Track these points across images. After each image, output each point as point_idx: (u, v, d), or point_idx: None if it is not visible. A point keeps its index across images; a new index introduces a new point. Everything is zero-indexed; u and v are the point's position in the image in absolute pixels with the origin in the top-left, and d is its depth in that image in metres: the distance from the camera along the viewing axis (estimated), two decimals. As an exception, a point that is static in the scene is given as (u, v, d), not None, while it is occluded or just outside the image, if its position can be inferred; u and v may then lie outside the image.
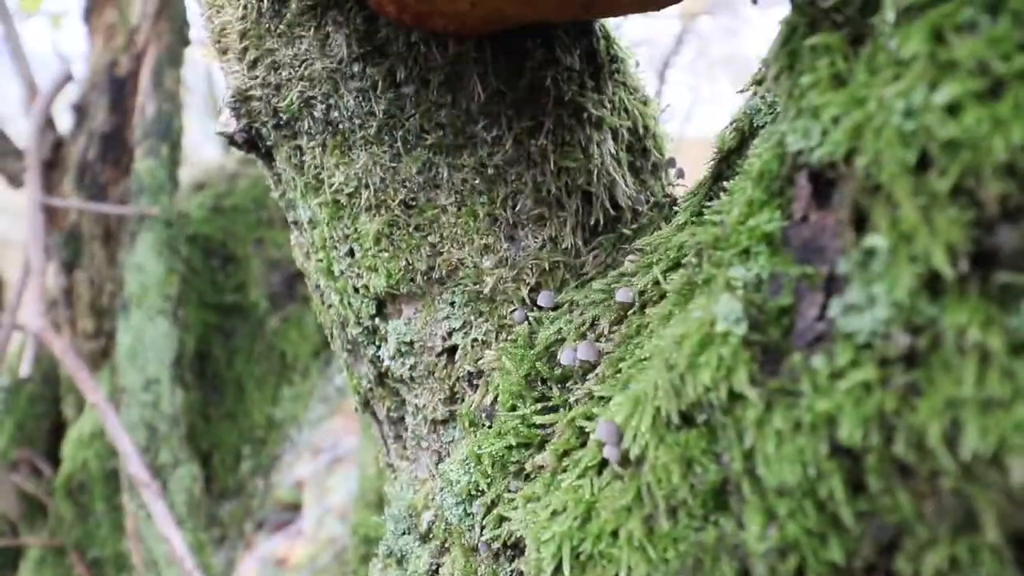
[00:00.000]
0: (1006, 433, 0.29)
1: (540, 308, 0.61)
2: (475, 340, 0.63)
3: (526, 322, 0.61)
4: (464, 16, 0.57)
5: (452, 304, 0.64)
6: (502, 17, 0.58)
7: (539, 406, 0.56)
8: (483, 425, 0.60)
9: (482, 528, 0.55)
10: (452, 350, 0.64)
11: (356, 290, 0.67)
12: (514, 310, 0.62)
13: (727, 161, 0.55)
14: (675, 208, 0.61)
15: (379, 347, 0.68)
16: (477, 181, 0.63)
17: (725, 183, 0.52)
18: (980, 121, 0.30)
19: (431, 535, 0.64)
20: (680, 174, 0.72)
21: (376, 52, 0.62)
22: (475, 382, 0.63)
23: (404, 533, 0.67)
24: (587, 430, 0.51)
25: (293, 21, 0.63)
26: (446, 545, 0.61)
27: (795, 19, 0.39)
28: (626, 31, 0.73)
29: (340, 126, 0.63)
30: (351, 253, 0.66)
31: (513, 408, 0.56)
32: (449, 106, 0.62)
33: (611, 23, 0.71)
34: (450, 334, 0.64)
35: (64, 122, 2.03)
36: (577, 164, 0.64)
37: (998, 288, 0.30)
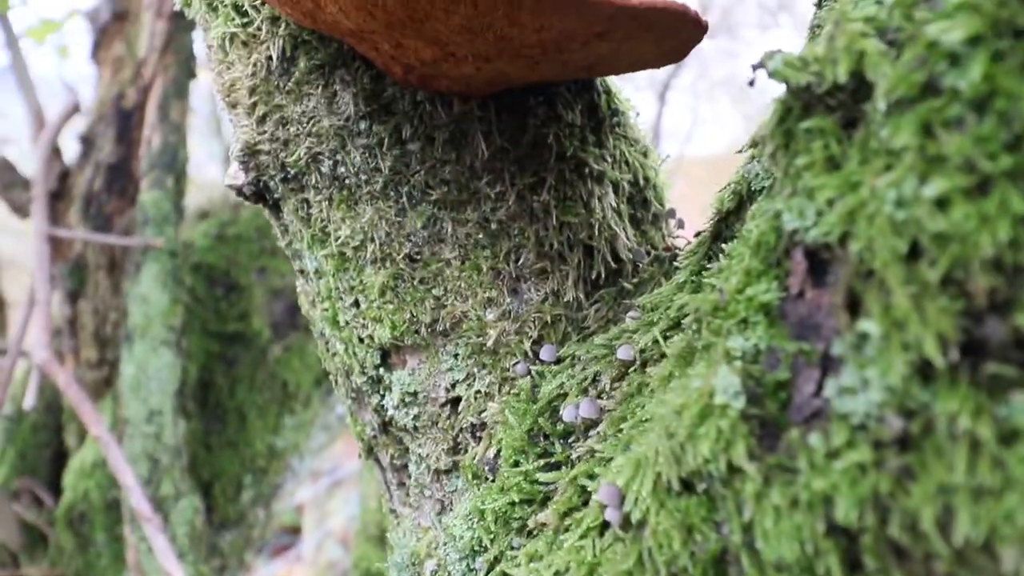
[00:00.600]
0: (997, 522, 0.29)
1: (543, 362, 0.62)
2: (478, 392, 0.64)
3: (529, 376, 0.62)
4: (469, 78, 0.59)
5: (456, 356, 0.65)
6: (506, 79, 0.59)
7: (542, 462, 0.56)
8: (486, 478, 0.61)
9: (485, 584, 0.55)
10: (455, 401, 0.65)
11: (361, 340, 0.68)
12: (517, 363, 0.63)
13: (725, 222, 0.56)
14: (675, 263, 0.62)
15: (383, 396, 0.69)
16: (481, 236, 0.64)
17: (724, 245, 0.53)
18: (968, 216, 0.31)
19: (434, 584, 0.65)
20: (680, 224, 0.73)
21: (382, 110, 0.63)
22: (478, 434, 0.64)
23: (407, 582, 0.67)
24: (589, 489, 0.52)
25: (301, 79, 0.64)
26: (449, 598, 0.61)
27: (789, 100, 0.40)
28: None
29: (347, 181, 0.65)
30: (356, 304, 0.67)
31: (516, 464, 0.57)
32: (453, 163, 0.64)
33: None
34: (453, 385, 0.65)
35: (71, 151, 2.06)
36: (579, 219, 0.65)
37: (987, 378, 0.31)
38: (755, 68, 0.39)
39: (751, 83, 0.40)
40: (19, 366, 1.92)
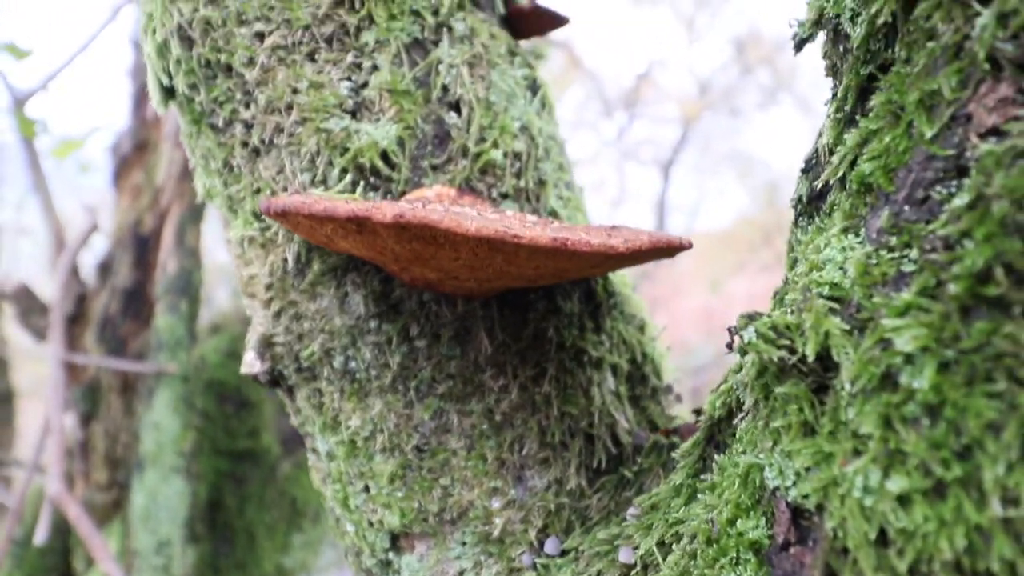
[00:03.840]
0: None
1: (547, 555, 0.64)
2: (485, 581, 0.66)
3: (534, 569, 0.64)
4: (472, 290, 0.63)
5: (463, 544, 0.67)
6: (507, 289, 0.64)
7: (548, 666, 0.58)
8: (494, 674, 0.62)
9: None
10: (463, 589, 0.67)
11: (371, 524, 0.70)
12: (523, 553, 0.65)
13: (718, 427, 0.59)
14: (672, 454, 0.65)
15: (393, 579, 0.70)
16: (485, 426, 0.67)
17: (716, 453, 0.56)
18: (928, 518, 0.33)
19: None
20: (678, 399, 0.76)
21: (391, 310, 0.68)
22: (486, 625, 0.65)
23: None
24: None
25: (315, 280, 0.69)
26: None
27: (766, 358, 0.44)
28: (635, 130, 0.78)
29: (357, 375, 0.68)
30: (366, 489, 0.70)
31: (523, 666, 0.58)
32: (459, 358, 0.67)
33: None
34: (461, 574, 0.67)
35: (88, 270, 2.12)
36: (579, 408, 0.68)
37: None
38: (732, 333, 0.43)
39: (729, 346, 0.44)
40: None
